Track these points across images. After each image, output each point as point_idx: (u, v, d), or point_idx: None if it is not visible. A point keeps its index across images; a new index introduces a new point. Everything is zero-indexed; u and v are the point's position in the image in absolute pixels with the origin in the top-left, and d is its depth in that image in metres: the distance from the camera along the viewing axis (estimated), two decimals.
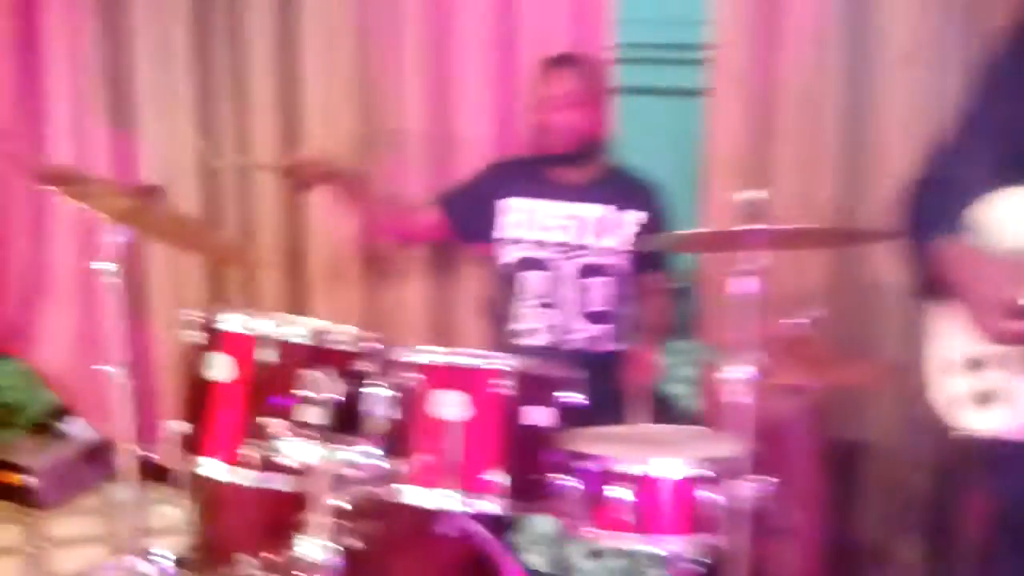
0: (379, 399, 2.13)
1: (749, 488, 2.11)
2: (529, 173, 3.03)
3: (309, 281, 3.50)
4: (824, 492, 2.80)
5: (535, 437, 2.11)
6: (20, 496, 3.63)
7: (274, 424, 2.12)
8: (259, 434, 2.14)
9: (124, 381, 2.47)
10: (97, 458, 3.82)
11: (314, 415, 2.16)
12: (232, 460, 2.17)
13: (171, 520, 3.26)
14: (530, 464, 2.11)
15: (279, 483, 2.16)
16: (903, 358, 2.78)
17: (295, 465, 2.08)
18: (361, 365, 2.23)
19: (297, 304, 3.48)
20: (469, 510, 2.08)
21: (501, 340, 3.02)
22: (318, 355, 2.19)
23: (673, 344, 3.08)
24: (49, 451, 3.78)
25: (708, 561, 2.23)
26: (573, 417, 2.21)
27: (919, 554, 2.91)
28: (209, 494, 2.51)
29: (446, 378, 2.08)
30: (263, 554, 2.27)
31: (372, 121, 3.32)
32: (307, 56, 3.38)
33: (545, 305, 2.94)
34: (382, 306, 3.42)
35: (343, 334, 2.25)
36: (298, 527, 2.21)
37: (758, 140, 2.98)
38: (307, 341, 2.19)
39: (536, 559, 2.56)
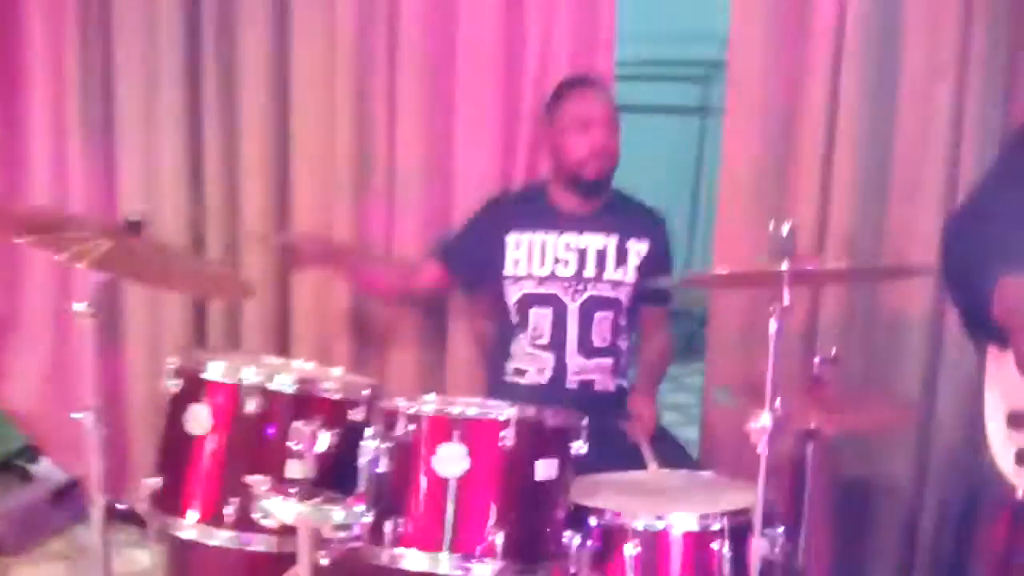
0: (370, 452, 1.97)
1: (768, 543, 1.97)
2: (530, 204, 2.89)
3: (294, 314, 3.31)
4: (833, 536, 2.67)
5: (540, 492, 1.97)
6: None
7: (256, 480, 1.96)
8: (239, 491, 1.98)
9: (96, 426, 2.29)
10: (65, 500, 3.64)
11: (299, 470, 2.00)
12: (210, 519, 2.02)
13: (140, 566, 3.12)
14: (534, 522, 1.96)
15: (260, 544, 2.02)
16: (917, 396, 2.68)
17: (277, 525, 1.93)
18: (352, 415, 2.09)
19: (282, 340, 3.31)
20: (465, 574, 1.93)
21: (498, 379, 2.88)
22: (305, 404, 2.05)
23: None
24: (13, 493, 3.59)
25: None
26: (577, 464, 2.06)
27: None
28: (184, 552, 2.34)
29: (444, 429, 1.93)
30: None
31: (367, 155, 3.14)
32: (300, 82, 3.22)
33: (546, 343, 2.80)
34: (369, 351, 3.24)
35: (332, 381, 2.10)
36: None
37: (776, 164, 2.83)
38: (293, 390, 2.03)
39: None
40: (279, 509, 1.91)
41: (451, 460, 1.90)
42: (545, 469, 1.95)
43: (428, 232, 3.10)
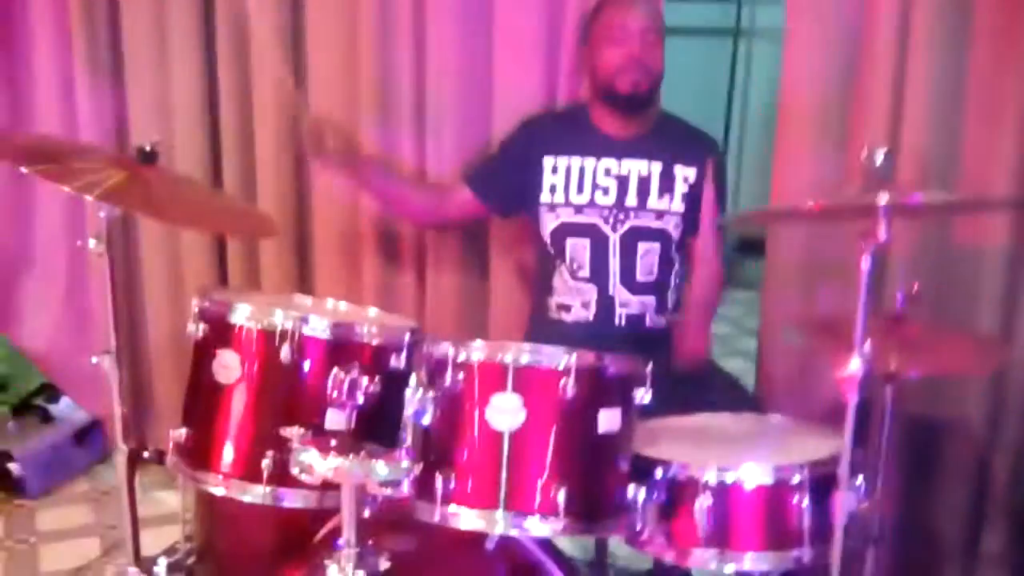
0: (415, 402, 1.79)
1: (854, 496, 1.80)
2: (569, 126, 2.70)
3: (315, 255, 3.13)
4: (899, 483, 2.51)
5: (602, 445, 1.79)
6: (3, 484, 3.32)
7: (292, 432, 1.80)
8: (274, 444, 1.82)
9: (115, 369, 2.14)
10: (86, 440, 3.51)
11: (339, 421, 1.85)
12: (242, 473, 1.86)
13: (168, 508, 3.00)
14: (597, 476, 1.79)
15: (297, 500, 1.86)
16: (995, 334, 2.49)
17: (316, 480, 1.77)
18: (393, 361, 1.91)
19: (303, 282, 3.13)
20: (521, 534, 1.77)
21: (542, 316, 2.72)
22: (343, 350, 1.87)
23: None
24: (35, 434, 3.46)
25: None
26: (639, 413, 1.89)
27: (1003, 544, 2.61)
28: (216, 507, 2.19)
29: (498, 378, 1.75)
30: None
31: (394, 78, 2.91)
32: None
33: (587, 279, 2.62)
34: (401, 281, 3.05)
35: (370, 324, 1.92)
36: (318, 548, 1.93)
37: (841, 86, 2.60)
38: (328, 334, 1.86)
39: None
40: (319, 463, 1.74)
41: (506, 411, 1.73)
42: (608, 420, 1.77)
43: (463, 161, 2.89)
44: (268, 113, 3.04)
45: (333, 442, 1.78)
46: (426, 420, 1.78)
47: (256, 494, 1.84)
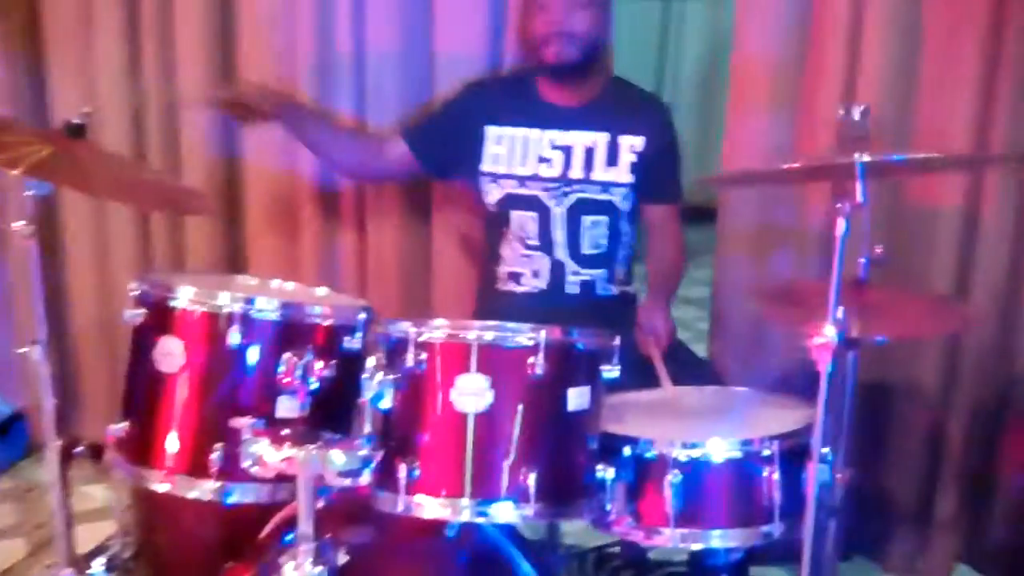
0: (373, 386, 1.70)
1: (824, 468, 1.75)
2: (514, 95, 2.59)
3: (248, 230, 2.99)
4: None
5: (572, 424, 1.71)
6: None
7: (242, 423, 1.69)
8: (223, 435, 1.71)
9: (44, 360, 1.99)
10: (8, 435, 3.33)
11: (292, 408, 1.74)
12: (189, 468, 1.74)
13: (96, 503, 2.87)
14: (568, 458, 1.71)
15: (248, 495, 1.75)
16: (953, 292, 2.48)
17: (268, 473, 1.66)
18: (347, 343, 1.81)
19: (235, 259, 2.99)
20: (488, 522, 1.69)
21: (490, 287, 2.63)
22: (294, 333, 1.76)
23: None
24: None
25: None
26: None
27: (956, 508, 2.61)
28: (156, 502, 2.07)
29: (462, 358, 1.65)
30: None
31: (329, 39, 2.79)
32: None
33: (536, 247, 2.54)
34: (340, 254, 2.93)
35: (321, 304, 1.81)
36: (266, 544, 1.83)
37: (796, 48, 2.55)
38: (278, 316, 1.75)
39: None
40: (271, 454, 1.64)
41: (472, 393, 1.64)
42: (578, 398, 1.69)
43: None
44: (194, 83, 2.89)
45: (286, 431, 1.69)
46: (385, 404, 1.69)
47: (204, 490, 1.73)
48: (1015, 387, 2.52)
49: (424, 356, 1.67)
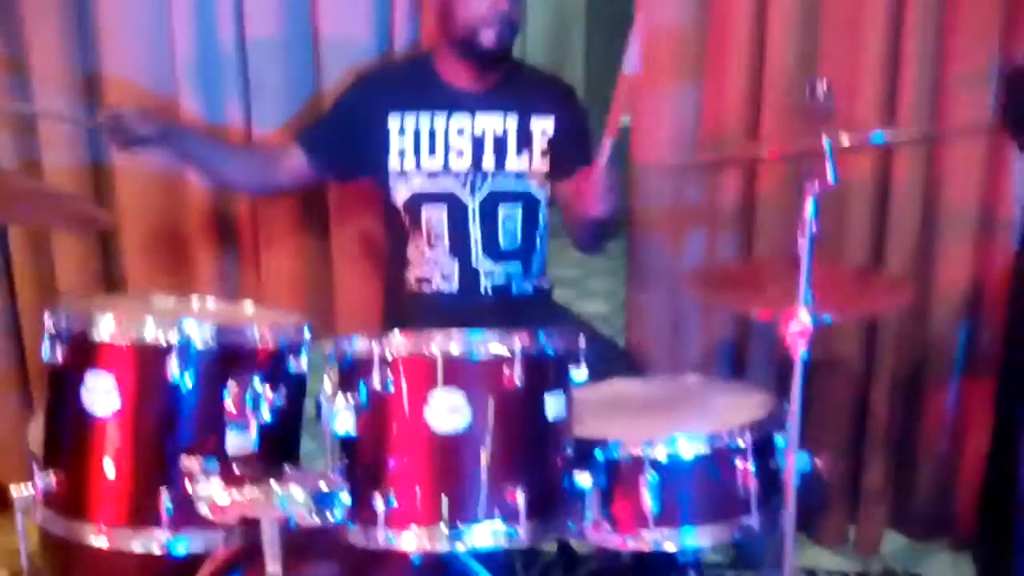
0: (332, 412, 1.56)
1: (804, 456, 1.72)
2: (413, 80, 2.46)
3: (124, 243, 2.75)
4: None
5: (552, 434, 1.61)
6: None
7: (191, 463, 1.53)
8: (168, 479, 1.54)
9: None
10: None
11: (242, 443, 1.58)
12: (132, 519, 1.55)
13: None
14: (549, 471, 1.61)
15: (200, 543, 1.58)
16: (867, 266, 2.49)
17: (227, 517, 1.51)
18: (294, 364, 1.66)
19: (109, 279, 2.77)
20: (478, 546, 1.56)
21: (399, 290, 2.50)
22: (234, 358, 1.59)
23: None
24: None
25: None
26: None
27: (882, 479, 2.64)
28: (73, 553, 1.85)
29: (432, 373, 1.53)
30: None
31: (207, 24, 2.58)
32: None
33: (448, 247, 2.43)
34: (231, 263, 2.74)
35: (257, 323, 1.65)
36: None
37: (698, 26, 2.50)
38: (215, 341, 1.58)
39: None
40: (228, 496, 1.49)
41: (448, 411, 1.52)
42: (555, 405, 1.60)
43: (292, 116, 2.63)
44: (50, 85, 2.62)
45: (240, 469, 1.53)
46: (347, 431, 1.55)
47: (151, 542, 1.54)
48: (931, 354, 2.55)
49: (389, 374, 1.53)
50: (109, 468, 1.55)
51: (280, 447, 1.64)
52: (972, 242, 2.44)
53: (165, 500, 1.53)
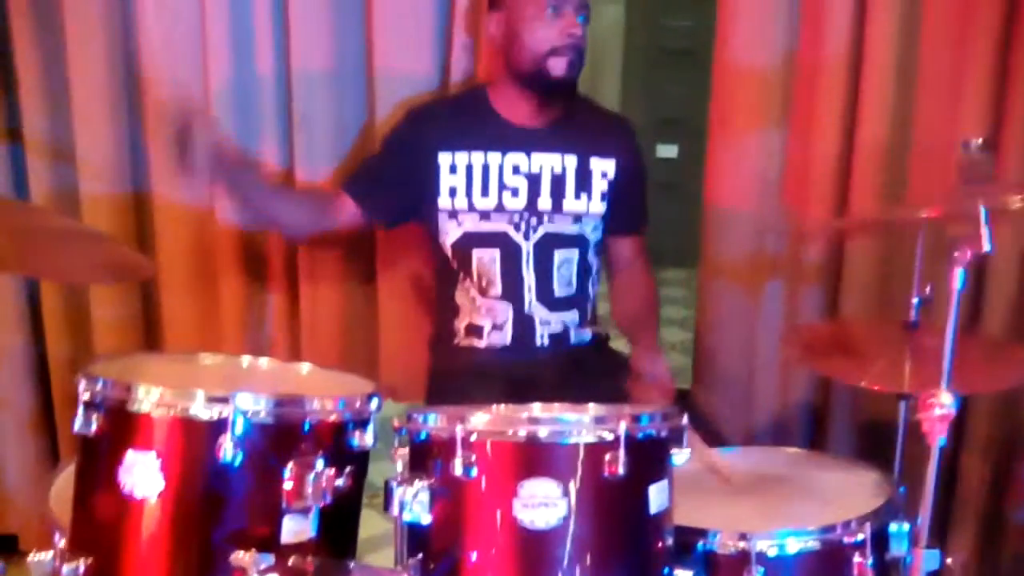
0: (405, 498, 1.36)
1: (934, 555, 1.52)
2: (466, 115, 2.27)
3: (161, 287, 2.57)
4: None
5: (654, 527, 1.41)
6: None
7: (245, 559, 1.33)
8: (211, 572, 1.34)
9: None
10: None
11: (301, 530, 1.39)
12: None
13: None
14: (651, 569, 1.41)
15: None
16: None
17: None
18: (359, 439, 1.46)
19: (147, 325, 2.59)
20: None
21: (448, 343, 2.31)
22: (293, 435, 1.40)
23: None
24: None
25: None
26: None
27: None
28: None
29: (525, 460, 1.34)
30: None
31: (247, 55, 2.40)
32: None
33: (501, 293, 2.24)
34: (266, 311, 2.55)
35: (325, 395, 1.45)
36: None
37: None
38: (273, 417, 1.38)
39: None
40: None
41: (541, 503, 1.32)
42: (658, 496, 1.40)
43: (341, 162, 2.45)
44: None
45: (303, 564, 1.34)
46: (422, 519, 1.36)
47: None
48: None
49: (474, 458, 1.34)
50: (148, 557, 1.35)
51: (339, 532, 1.45)
52: None
53: None
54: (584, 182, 2.26)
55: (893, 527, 1.59)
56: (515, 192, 2.23)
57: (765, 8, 2.28)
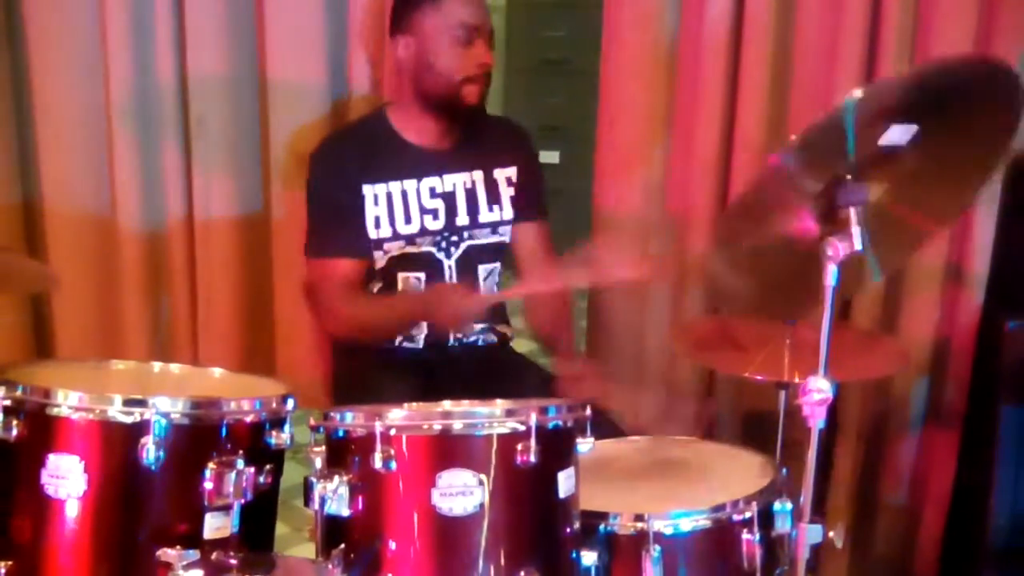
0: (325, 491, 1.41)
1: (816, 528, 1.63)
2: (377, 145, 2.29)
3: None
4: None
5: (563, 512, 1.50)
6: None
7: (172, 555, 1.37)
8: (144, 571, 1.37)
9: None
10: None
11: (222, 526, 1.43)
12: None
13: None
14: (562, 551, 1.50)
15: None
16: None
17: None
18: (275, 438, 1.51)
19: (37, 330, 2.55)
20: None
21: (352, 342, 2.33)
22: (212, 435, 1.44)
23: None
24: None
25: None
26: None
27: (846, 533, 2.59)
28: None
29: (443, 451, 1.41)
30: None
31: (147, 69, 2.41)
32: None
33: None
34: (163, 312, 2.55)
35: (241, 397, 1.49)
36: None
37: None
38: (190, 418, 1.42)
39: None
40: None
41: (459, 492, 1.39)
42: (566, 482, 1.49)
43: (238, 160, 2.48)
44: None
45: (226, 560, 1.38)
46: (342, 511, 1.41)
47: None
48: (893, 406, 2.52)
49: (392, 452, 1.40)
50: (72, 558, 1.37)
51: (258, 528, 1.49)
52: (939, 297, 2.41)
53: None
54: (493, 193, 2.32)
55: (777, 505, 1.70)
56: (435, 214, 2.27)
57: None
